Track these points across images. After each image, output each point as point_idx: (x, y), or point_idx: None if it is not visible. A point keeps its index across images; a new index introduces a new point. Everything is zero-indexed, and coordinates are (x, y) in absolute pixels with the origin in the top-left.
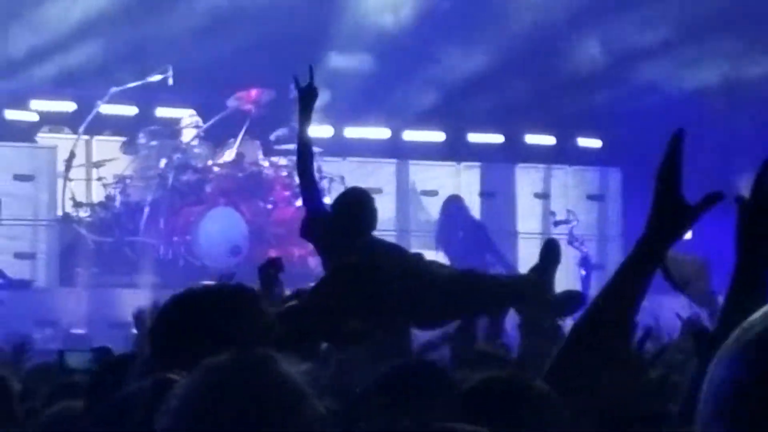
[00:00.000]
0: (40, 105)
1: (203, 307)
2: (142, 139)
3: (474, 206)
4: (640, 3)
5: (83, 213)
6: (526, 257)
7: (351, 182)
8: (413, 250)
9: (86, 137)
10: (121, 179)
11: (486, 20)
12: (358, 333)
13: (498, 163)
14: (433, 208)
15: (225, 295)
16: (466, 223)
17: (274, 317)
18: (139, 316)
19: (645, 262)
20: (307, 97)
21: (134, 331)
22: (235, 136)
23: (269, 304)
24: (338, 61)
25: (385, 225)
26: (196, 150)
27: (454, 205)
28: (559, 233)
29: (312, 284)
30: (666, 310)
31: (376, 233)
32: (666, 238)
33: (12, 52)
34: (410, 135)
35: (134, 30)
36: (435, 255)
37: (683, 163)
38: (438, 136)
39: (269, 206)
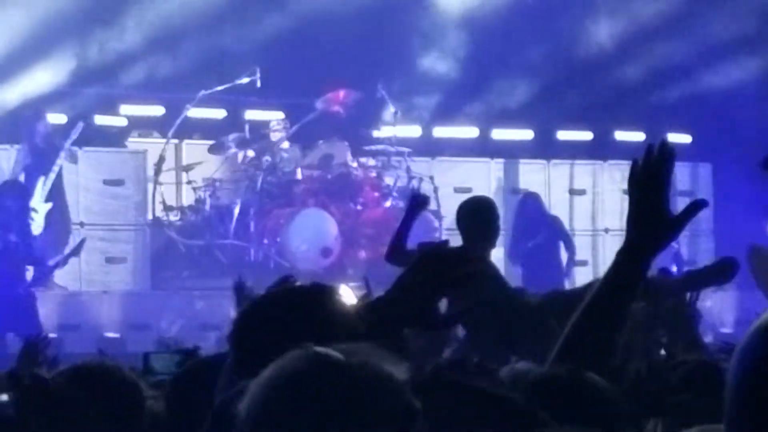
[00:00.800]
0: (130, 110)
1: (281, 308)
2: (230, 141)
3: (563, 204)
4: None
5: (173, 217)
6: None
7: (440, 182)
8: (501, 247)
9: (175, 141)
10: (210, 182)
11: (572, 17)
12: (447, 317)
13: (587, 161)
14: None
15: (303, 294)
16: (541, 221)
17: (355, 313)
18: (239, 287)
19: (626, 276)
20: (417, 206)
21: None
22: (324, 138)
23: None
24: (426, 60)
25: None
26: (284, 152)
27: (529, 201)
28: None
29: None
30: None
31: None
32: (647, 251)
33: (101, 57)
34: (499, 133)
35: (222, 33)
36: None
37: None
38: (527, 134)
39: (359, 207)
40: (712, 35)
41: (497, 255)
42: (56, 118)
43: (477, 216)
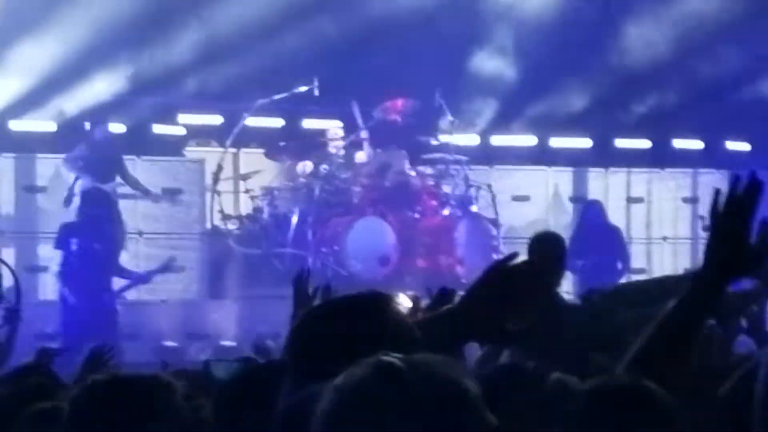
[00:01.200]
0: (187, 119)
1: (341, 315)
2: (288, 150)
3: (621, 212)
4: None
5: (231, 225)
6: (673, 262)
7: (498, 190)
8: None
9: (233, 150)
10: (268, 191)
11: (631, 25)
12: (513, 333)
13: (645, 168)
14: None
15: (362, 302)
16: (601, 229)
17: (411, 321)
18: (299, 277)
19: (701, 301)
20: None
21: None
22: (382, 147)
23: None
24: (484, 68)
25: (534, 232)
26: (342, 161)
27: (591, 209)
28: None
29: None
30: None
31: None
32: (724, 280)
33: (159, 66)
34: (557, 142)
35: (280, 42)
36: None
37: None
38: (585, 143)
39: (416, 215)
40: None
41: None
42: (115, 127)
43: (547, 250)
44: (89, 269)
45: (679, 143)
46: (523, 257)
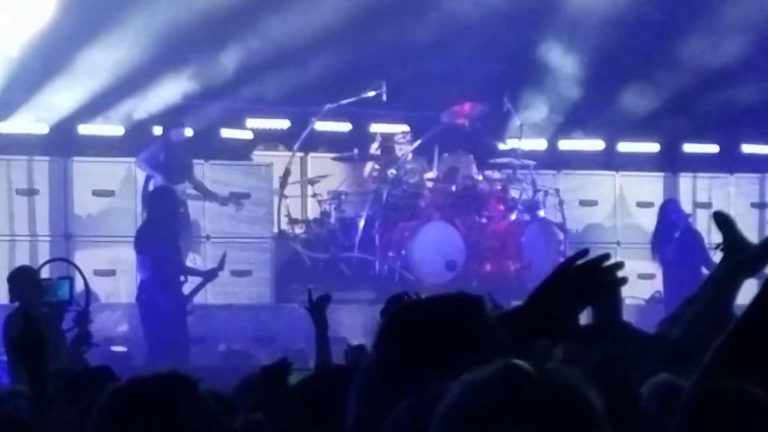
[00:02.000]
0: (255, 123)
1: (426, 315)
2: (356, 155)
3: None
4: None
5: (299, 230)
6: None
7: (566, 195)
8: (628, 262)
9: (301, 154)
10: (335, 195)
11: (699, 30)
12: (590, 329)
13: (713, 173)
14: (648, 219)
15: (447, 303)
16: (684, 225)
17: (496, 321)
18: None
19: None
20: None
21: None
22: (449, 151)
23: None
24: (550, 73)
25: (601, 237)
26: (409, 165)
27: (670, 206)
28: None
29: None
30: None
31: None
32: None
33: (227, 71)
34: (625, 146)
35: (348, 47)
36: (650, 263)
37: None
38: (652, 147)
39: (484, 220)
40: None
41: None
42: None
43: None
44: (162, 270)
45: (748, 148)
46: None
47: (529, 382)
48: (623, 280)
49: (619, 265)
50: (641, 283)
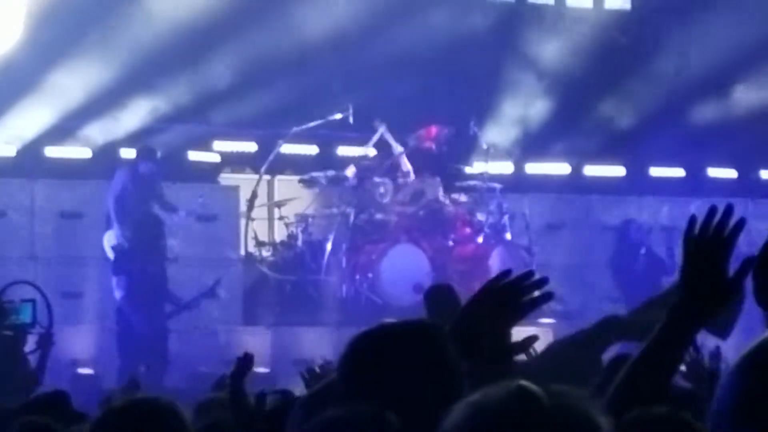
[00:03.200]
0: (222, 146)
1: (392, 343)
2: (323, 178)
3: (656, 240)
4: None
5: (266, 252)
6: None
7: (532, 218)
8: (595, 283)
9: (268, 177)
10: (302, 218)
11: (665, 53)
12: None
13: (679, 197)
14: (615, 242)
15: (409, 331)
16: (648, 243)
17: (457, 352)
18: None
19: (677, 334)
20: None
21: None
22: (416, 174)
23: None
24: (517, 97)
25: (568, 259)
26: (376, 188)
27: (633, 226)
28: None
29: None
30: None
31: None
32: (701, 313)
33: (194, 94)
34: (591, 170)
35: (315, 70)
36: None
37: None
38: (619, 171)
39: (450, 243)
40: None
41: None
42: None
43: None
44: (143, 293)
45: (713, 172)
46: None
47: (539, 405)
48: (547, 297)
49: (542, 282)
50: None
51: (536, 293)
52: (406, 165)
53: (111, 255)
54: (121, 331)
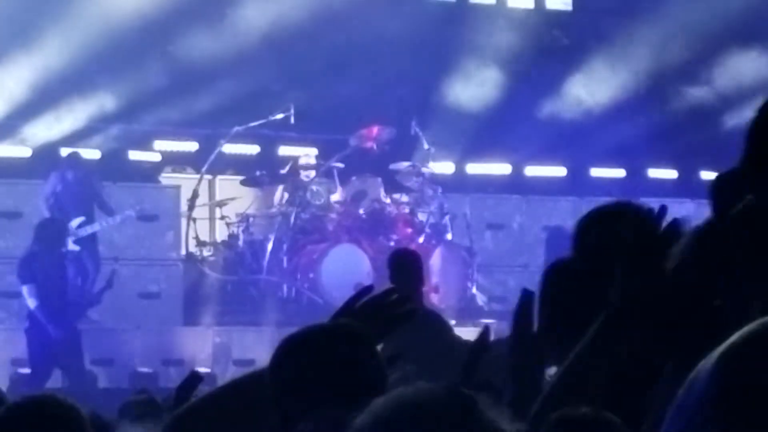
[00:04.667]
0: (163, 145)
1: (311, 347)
2: (264, 177)
3: None
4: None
5: (207, 252)
6: None
7: (473, 218)
8: (535, 283)
9: (209, 177)
10: (243, 218)
11: (602, 58)
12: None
13: (620, 197)
14: None
15: (333, 334)
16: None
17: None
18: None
19: (611, 340)
20: None
21: None
22: (357, 174)
23: None
24: (458, 97)
25: (508, 260)
26: (317, 188)
27: (555, 235)
28: None
29: None
30: None
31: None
32: (635, 318)
33: (134, 93)
34: (532, 170)
35: (257, 70)
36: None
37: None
38: (560, 171)
39: (392, 243)
40: (741, 74)
41: None
42: (90, 153)
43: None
44: (48, 299)
45: (654, 173)
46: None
47: (475, 407)
48: (409, 314)
49: (405, 300)
50: None
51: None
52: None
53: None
54: (34, 338)
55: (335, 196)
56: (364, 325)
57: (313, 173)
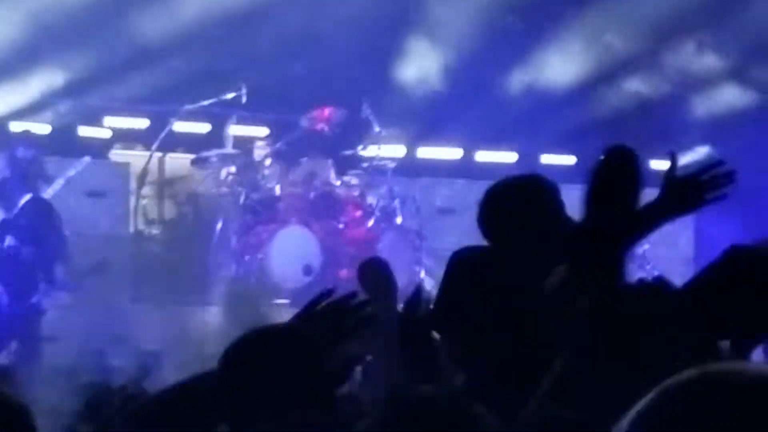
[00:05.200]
0: (114, 122)
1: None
2: (214, 156)
3: None
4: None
5: (155, 230)
6: None
7: (423, 202)
8: None
9: (159, 154)
10: (193, 197)
11: (557, 44)
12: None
13: (572, 185)
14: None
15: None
16: None
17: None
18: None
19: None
20: None
21: None
22: (308, 155)
23: None
24: (410, 80)
25: (458, 245)
26: (267, 169)
27: None
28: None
29: None
30: None
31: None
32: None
33: (86, 68)
34: (483, 155)
35: (209, 48)
36: None
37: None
38: (511, 157)
39: (341, 226)
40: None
41: None
42: (40, 128)
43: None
44: (18, 270)
45: None
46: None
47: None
48: (370, 319)
49: (365, 303)
50: None
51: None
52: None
53: None
54: None
55: (286, 178)
56: (323, 327)
57: (263, 153)
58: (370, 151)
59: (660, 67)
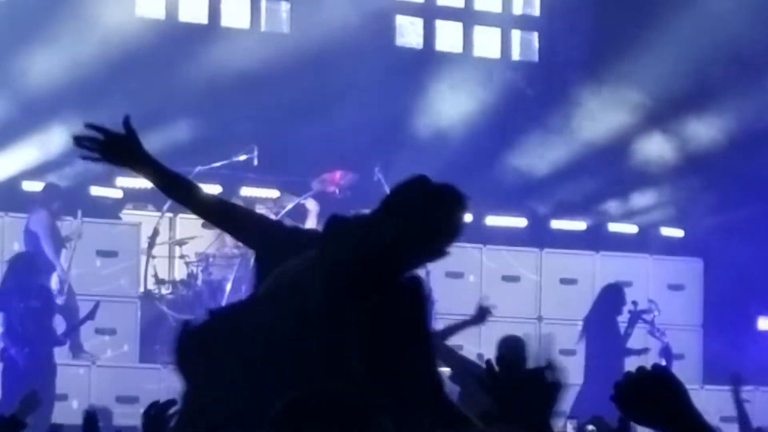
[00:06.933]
0: (125, 182)
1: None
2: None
3: (555, 293)
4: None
5: (165, 290)
6: None
7: (432, 266)
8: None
9: (170, 215)
10: (203, 257)
11: (573, 106)
12: None
13: (580, 251)
14: (515, 294)
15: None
16: None
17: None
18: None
19: None
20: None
21: None
22: (318, 218)
23: None
24: (420, 144)
25: (465, 309)
26: None
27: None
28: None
29: None
30: None
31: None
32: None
33: None
34: (493, 220)
35: (221, 110)
36: None
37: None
38: (520, 222)
39: None
40: (699, 135)
41: None
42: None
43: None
44: (29, 327)
45: (614, 227)
46: None
47: None
48: None
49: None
50: None
51: None
52: (313, 207)
53: None
54: (4, 368)
55: None
56: None
57: (274, 215)
58: None
59: (672, 135)
